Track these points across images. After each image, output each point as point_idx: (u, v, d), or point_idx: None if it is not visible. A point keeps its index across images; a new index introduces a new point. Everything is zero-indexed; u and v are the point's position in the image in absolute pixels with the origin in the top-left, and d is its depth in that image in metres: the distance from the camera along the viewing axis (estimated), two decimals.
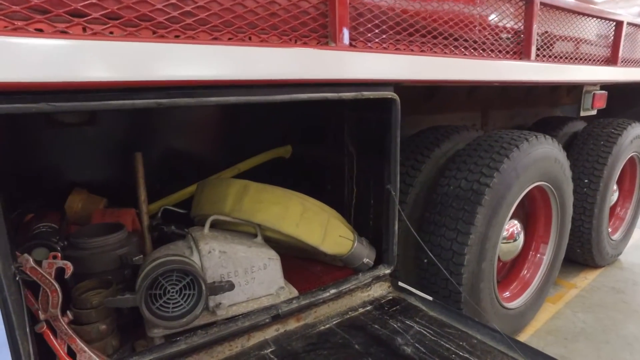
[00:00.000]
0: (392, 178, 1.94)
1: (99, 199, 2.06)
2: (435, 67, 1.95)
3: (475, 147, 2.71)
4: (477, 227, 2.44)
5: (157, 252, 1.65)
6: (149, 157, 2.16)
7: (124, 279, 1.62)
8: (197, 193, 2.01)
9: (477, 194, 2.45)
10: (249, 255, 1.74)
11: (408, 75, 1.87)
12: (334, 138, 2.36)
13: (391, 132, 1.88)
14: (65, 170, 2.16)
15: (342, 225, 1.98)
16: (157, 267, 1.45)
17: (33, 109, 1.07)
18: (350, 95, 1.68)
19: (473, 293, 2.58)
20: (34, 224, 1.69)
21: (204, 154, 2.62)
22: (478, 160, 2.59)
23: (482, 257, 2.53)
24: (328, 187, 2.45)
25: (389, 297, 2.06)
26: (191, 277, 1.51)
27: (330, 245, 1.89)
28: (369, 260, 2.00)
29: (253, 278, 1.76)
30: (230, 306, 1.71)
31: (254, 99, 1.43)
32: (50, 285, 1.37)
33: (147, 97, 1.24)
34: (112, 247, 1.61)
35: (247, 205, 1.80)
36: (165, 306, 1.49)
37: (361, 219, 2.23)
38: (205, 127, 2.60)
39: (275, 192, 1.84)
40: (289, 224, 1.79)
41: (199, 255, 1.66)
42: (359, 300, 2.01)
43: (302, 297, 1.79)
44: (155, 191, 2.20)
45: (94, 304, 1.42)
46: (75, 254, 1.56)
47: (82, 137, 2.15)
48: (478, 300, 2.64)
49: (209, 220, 1.78)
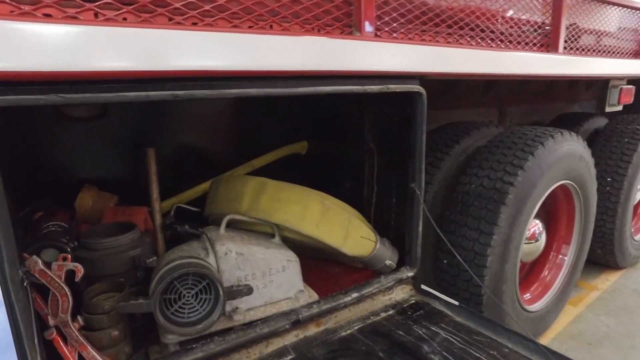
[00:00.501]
0: (417, 176, 1.84)
1: (110, 197, 1.99)
2: (462, 60, 1.85)
3: (497, 144, 2.60)
4: (500, 228, 2.34)
5: (171, 253, 1.57)
6: (161, 152, 2.07)
7: (136, 281, 1.54)
8: (211, 191, 1.92)
9: (501, 192, 2.35)
10: (267, 257, 1.66)
11: (434, 68, 1.76)
12: (352, 134, 2.27)
13: (417, 127, 1.78)
14: (75, 167, 2.09)
15: (363, 225, 1.89)
16: (172, 271, 1.36)
17: (41, 101, 0.98)
18: (375, 89, 1.58)
19: (495, 296, 2.48)
20: (43, 223, 1.62)
21: (217, 150, 2.53)
22: (501, 158, 2.49)
23: (505, 258, 2.44)
24: (346, 184, 2.36)
25: (412, 301, 1.96)
26: (208, 281, 1.42)
27: (352, 247, 1.80)
28: (391, 263, 1.90)
29: (271, 281, 1.68)
30: (247, 310, 1.63)
31: (276, 92, 1.34)
32: (60, 289, 1.30)
33: (163, 89, 1.15)
34: (124, 248, 1.53)
35: (265, 204, 1.71)
36: (180, 311, 1.41)
37: (382, 219, 2.13)
38: (218, 121, 2.51)
39: (294, 191, 1.74)
40: (308, 224, 1.70)
41: (215, 256, 1.57)
42: (380, 304, 1.92)
43: (323, 302, 1.70)
44: (167, 188, 2.12)
45: (105, 309, 1.34)
46: (86, 255, 1.48)
47: (92, 132, 2.07)
48: (500, 303, 2.54)
49: (225, 219, 1.69)
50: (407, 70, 1.67)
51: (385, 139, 2.05)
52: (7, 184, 1.03)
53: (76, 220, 1.65)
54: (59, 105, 1.03)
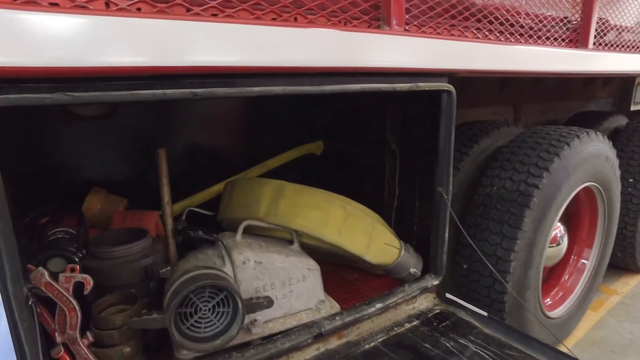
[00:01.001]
0: (444, 179, 1.73)
1: (119, 200, 1.89)
2: (494, 56, 1.74)
3: (520, 144, 2.49)
4: (524, 232, 2.23)
5: (185, 262, 1.47)
6: (172, 153, 1.97)
7: (148, 292, 1.44)
8: (225, 194, 1.82)
9: (525, 195, 2.24)
10: (286, 266, 1.55)
11: (464, 65, 1.65)
12: (372, 134, 2.16)
13: (445, 128, 1.67)
14: (82, 168, 1.99)
15: (387, 231, 1.79)
16: (188, 283, 1.26)
17: (47, 101, 0.88)
18: (405, 87, 1.47)
19: (518, 303, 2.38)
20: (49, 229, 1.52)
21: (229, 150, 2.42)
22: (524, 159, 2.37)
23: (529, 263, 2.33)
24: (364, 187, 2.25)
25: (436, 311, 1.86)
26: (226, 293, 1.32)
27: (375, 254, 1.70)
28: (416, 271, 1.80)
29: (291, 291, 1.57)
30: (266, 323, 1.53)
31: (302, 90, 1.23)
32: (68, 303, 1.20)
33: (181, 87, 1.04)
34: (136, 257, 1.43)
35: (284, 209, 1.60)
36: (196, 326, 1.31)
37: (403, 224, 2.03)
38: (231, 120, 2.40)
39: (314, 195, 1.64)
40: (330, 230, 1.60)
41: (232, 266, 1.47)
42: (403, 313, 1.81)
43: (346, 313, 1.60)
44: (178, 190, 2.02)
45: (116, 324, 1.24)
46: (95, 264, 1.38)
47: (101, 132, 1.97)
48: (523, 310, 2.44)
49: (241, 225, 1.59)
50: (436, 67, 1.56)
51: (408, 140, 1.94)
52: (9, 188, 0.93)
53: (84, 226, 1.55)
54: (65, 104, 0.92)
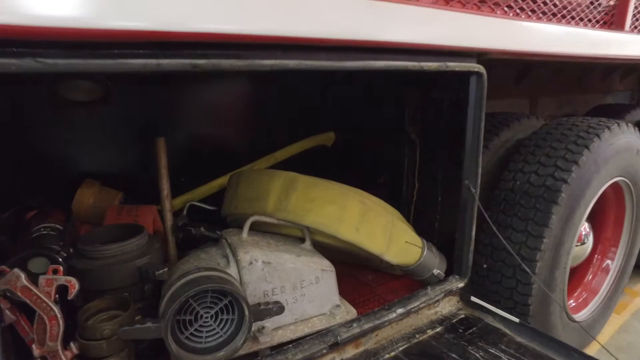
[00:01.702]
0: (472, 172, 1.57)
1: (114, 193, 1.73)
2: (527, 36, 1.56)
3: (544, 136, 2.32)
4: (551, 230, 2.06)
5: (185, 262, 1.31)
6: (172, 142, 1.82)
7: (143, 296, 1.28)
8: (230, 187, 1.66)
9: (552, 191, 2.07)
10: (298, 267, 1.39)
11: (497, 44, 1.48)
12: (389, 123, 1.99)
13: (474, 114, 1.51)
14: (74, 159, 1.83)
15: (408, 229, 1.62)
16: (187, 287, 1.10)
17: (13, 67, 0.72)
18: (433, 66, 1.31)
19: (543, 305, 2.22)
20: (34, 225, 1.36)
21: (235, 141, 2.26)
22: (550, 152, 2.20)
23: (556, 264, 2.17)
24: (380, 181, 2.08)
25: (461, 316, 1.70)
26: (230, 299, 1.16)
27: (396, 254, 1.53)
28: (439, 272, 1.64)
29: (303, 295, 1.41)
30: (275, 330, 1.37)
31: (318, 65, 1.07)
32: (48, 310, 1.04)
33: (179, 57, 0.88)
34: (129, 256, 1.27)
35: (295, 204, 1.44)
36: (197, 335, 1.15)
37: (424, 220, 1.86)
38: (237, 109, 2.23)
39: (329, 188, 1.48)
40: (347, 227, 1.43)
41: (238, 266, 1.31)
42: (425, 319, 1.65)
43: (364, 320, 1.44)
44: (178, 183, 1.87)
45: (105, 333, 1.09)
46: (83, 265, 1.23)
47: (94, 119, 1.81)
48: (548, 314, 2.27)
49: (248, 221, 1.43)
50: (465, 46, 1.39)
51: (430, 129, 1.77)
52: None
53: (72, 221, 1.39)
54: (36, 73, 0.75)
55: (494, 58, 1.59)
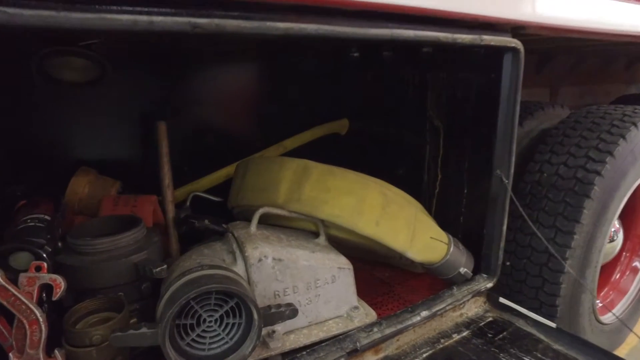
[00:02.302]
0: (504, 160, 1.41)
1: (112, 182, 1.60)
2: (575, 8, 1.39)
3: (573, 125, 2.16)
4: (583, 226, 1.91)
5: (186, 259, 1.17)
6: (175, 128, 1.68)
7: (140, 296, 1.15)
8: (237, 176, 1.52)
9: (584, 183, 1.91)
10: (312, 264, 1.25)
11: (536, 17, 1.31)
12: (409, 107, 1.84)
13: (508, 97, 1.36)
14: (68, 145, 1.69)
15: (433, 223, 1.47)
16: (188, 287, 0.97)
17: None
18: (467, 39, 1.15)
19: (572, 306, 2.07)
20: (22, 216, 1.23)
21: (242, 128, 2.11)
22: (581, 142, 2.04)
23: (586, 262, 2.02)
24: (398, 171, 1.93)
25: (489, 319, 1.55)
26: (237, 301, 1.02)
27: (420, 250, 1.38)
28: (467, 270, 1.49)
29: (317, 295, 1.27)
30: (287, 334, 1.23)
31: (341, 31, 0.92)
32: (29, 313, 0.91)
33: (175, 15, 0.73)
34: (124, 251, 1.14)
35: (309, 194, 1.30)
36: (199, 341, 1.02)
37: (447, 214, 1.71)
38: (244, 93, 2.08)
39: (346, 177, 1.33)
40: (366, 221, 1.29)
41: (245, 264, 1.18)
42: (450, 321, 1.51)
43: (385, 324, 1.29)
44: (182, 173, 1.73)
45: (94, 340, 0.95)
46: (72, 261, 1.10)
47: (90, 102, 1.67)
48: (576, 316, 2.12)
49: (256, 214, 1.29)
50: (503, 17, 1.23)
51: (456, 114, 1.61)
52: None
53: (61, 212, 1.26)
54: None
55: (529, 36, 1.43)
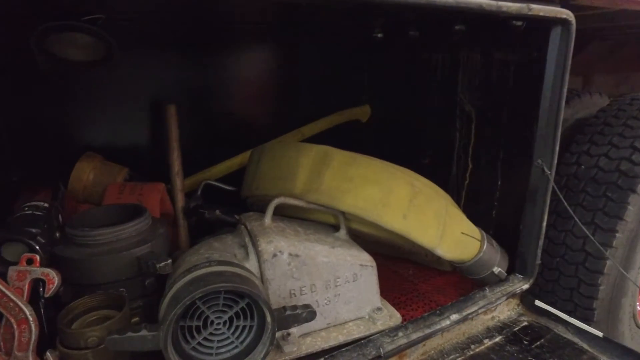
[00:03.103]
0: (547, 149, 1.27)
1: (118, 169, 1.50)
2: None
3: (616, 113, 1.99)
4: (626, 223, 1.74)
5: (193, 253, 1.07)
6: (186, 112, 1.58)
7: (143, 292, 1.05)
8: (251, 164, 1.41)
9: (629, 177, 1.75)
10: (332, 261, 1.14)
11: None
12: (437, 91, 1.70)
13: (554, 78, 1.21)
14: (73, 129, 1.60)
15: (464, 217, 1.34)
16: (194, 285, 0.86)
17: None
18: (513, 8, 1.01)
19: (611, 310, 1.91)
20: (21, 203, 1.15)
21: (257, 113, 2.00)
22: (625, 131, 1.87)
23: (629, 263, 1.85)
24: (424, 161, 1.80)
25: (523, 323, 1.41)
26: (248, 301, 0.91)
27: (450, 247, 1.26)
28: (501, 270, 1.35)
29: (337, 295, 1.16)
30: (303, 337, 1.12)
31: None
32: (17, 312, 0.82)
33: None
34: (126, 243, 1.04)
35: (329, 184, 1.18)
36: (206, 345, 0.91)
37: (478, 208, 1.58)
38: (260, 77, 1.96)
39: (370, 165, 1.21)
40: (392, 214, 1.16)
41: (258, 259, 1.07)
42: (480, 325, 1.38)
43: (412, 328, 1.17)
44: (193, 160, 1.63)
45: (90, 342, 0.86)
46: (70, 253, 1.00)
47: (96, 83, 1.57)
48: (616, 320, 1.96)
49: (271, 204, 1.17)
50: None
51: (491, 98, 1.47)
52: None
53: (60, 200, 1.17)
54: None
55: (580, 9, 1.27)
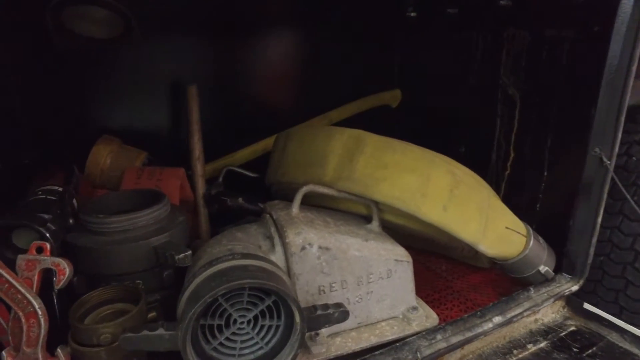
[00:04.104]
0: (607, 136, 1.14)
1: (137, 153, 1.43)
2: None
3: None
4: None
5: (215, 243, 0.99)
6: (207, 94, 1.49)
7: (161, 285, 0.98)
8: (276, 149, 1.31)
9: None
10: (365, 255, 1.04)
11: None
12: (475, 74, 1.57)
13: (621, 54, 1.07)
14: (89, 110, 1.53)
15: (507, 210, 1.22)
16: (216, 281, 0.78)
17: None
18: None
19: None
20: (34, 188, 1.08)
21: (282, 96, 1.90)
22: None
23: None
24: (460, 149, 1.68)
25: (570, 328, 1.29)
26: (275, 299, 0.83)
27: (493, 243, 1.14)
28: (547, 269, 1.24)
29: (369, 292, 1.07)
30: (331, 336, 1.04)
31: None
32: (25, 304, 0.75)
33: None
34: (143, 232, 0.96)
35: (362, 171, 1.08)
36: (228, 346, 0.83)
37: (519, 200, 1.45)
38: (285, 59, 1.85)
39: (407, 151, 1.10)
40: (431, 205, 1.06)
41: (285, 252, 0.98)
42: (522, 328, 1.27)
43: (451, 330, 1.07)
44: (215, 145, 1.54)
45: (103, 339, 0.78)
46: (84, 241, 0.93)
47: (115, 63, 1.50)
48: None
49: (299, 192, 1.08)
50: None
51: (539, 80, 1.34)
52: None
53: (74, 183, 1.10)
54: None
55: None
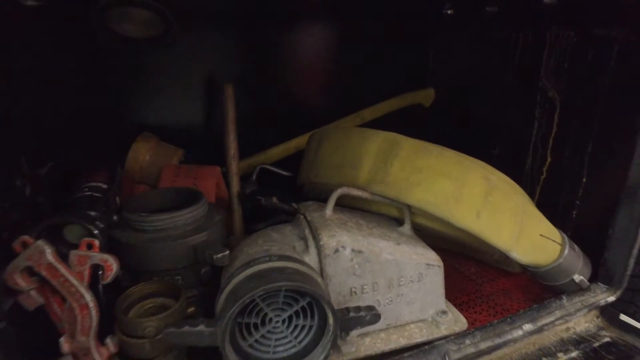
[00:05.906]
0: None
1: (173, 150, 1.47)
2: None
3: None
4: None
5: (252, 243, 1.01)
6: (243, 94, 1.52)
7: (199, 281, 1.02)
8: (309, 149, 1.33)
9: None
10: (397, 259, 1.05)
11: None
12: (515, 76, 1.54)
13: None
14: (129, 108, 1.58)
15: (542, 217, 1.21)
16: (254, 283, 0.80)
17: None
18: None
19: None
20: (79, 185, 1.14)
21: (315, 94, 1.91)
22: None
23: None
24: (493, 151, 1.65)
25: (605, 339, 1.26)
26: (309, 300, 0.85)
27: (527, 250, 1.13)
28: (582, 279, 1.21)
29: (400, 295, 1.08)
30: (361, 337, 1.05)
31: None
32: (79, 297, 0.80)
33: None
34: (182, 231, 1.00)
35: (397, 175, 1.08)
36: (263, 343, 0.86)
37: (554, 206, 1.43)
38: (319, 57, 1.86)
39: (442, 156, 1.10)
40: (465, 210, 1.05)
41: (319, 254, 1.00)
42: (553, 337, 1.25)
43: (480, 335, 1.07)
44: (248, 142, 1.58)
45: (147, 332, 0.83)
46: (126, 237, 0.97)
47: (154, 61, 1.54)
48: None
49: (334, 194, 1.10)
50: None
51: (583, 83, 1.30)
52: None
53: (118, 181, 1.14)
54: None
55: None
